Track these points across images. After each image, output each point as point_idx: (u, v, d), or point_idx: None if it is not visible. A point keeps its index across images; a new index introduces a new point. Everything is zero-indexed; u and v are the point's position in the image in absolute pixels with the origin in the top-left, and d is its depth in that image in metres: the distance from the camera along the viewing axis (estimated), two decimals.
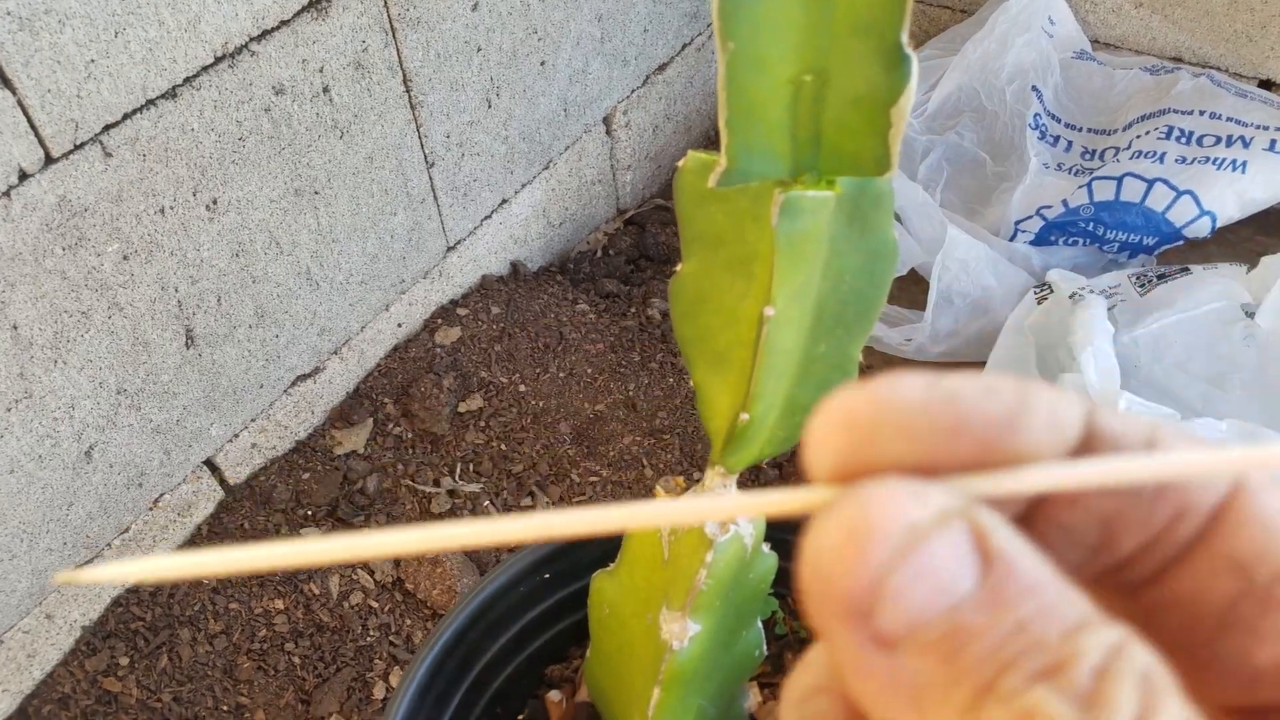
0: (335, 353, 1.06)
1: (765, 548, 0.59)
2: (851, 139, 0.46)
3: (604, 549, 0.66)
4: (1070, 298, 1.11)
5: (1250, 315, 1.11)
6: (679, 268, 0.54)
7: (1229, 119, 1.22)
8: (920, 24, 1.59)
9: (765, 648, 0.64)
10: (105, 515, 0.90)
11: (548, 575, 0.70)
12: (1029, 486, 0.15)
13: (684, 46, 1.40)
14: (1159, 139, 1.23)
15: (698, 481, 0.59)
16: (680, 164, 0.49)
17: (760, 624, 0.64)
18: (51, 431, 0.82)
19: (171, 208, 0.82)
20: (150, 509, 0.94)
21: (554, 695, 0.74)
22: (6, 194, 0.71)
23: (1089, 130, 1.34)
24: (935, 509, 0.15)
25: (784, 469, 1.09)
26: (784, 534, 0.67)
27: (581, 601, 0.65)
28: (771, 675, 0.71)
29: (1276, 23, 1.32)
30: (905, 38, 0.42)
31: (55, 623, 0.90)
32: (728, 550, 0.56)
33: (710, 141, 1.58)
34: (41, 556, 0.86)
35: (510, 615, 0.70)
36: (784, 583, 0.69)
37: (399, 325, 1.13)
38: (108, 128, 0.75)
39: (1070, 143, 1.33)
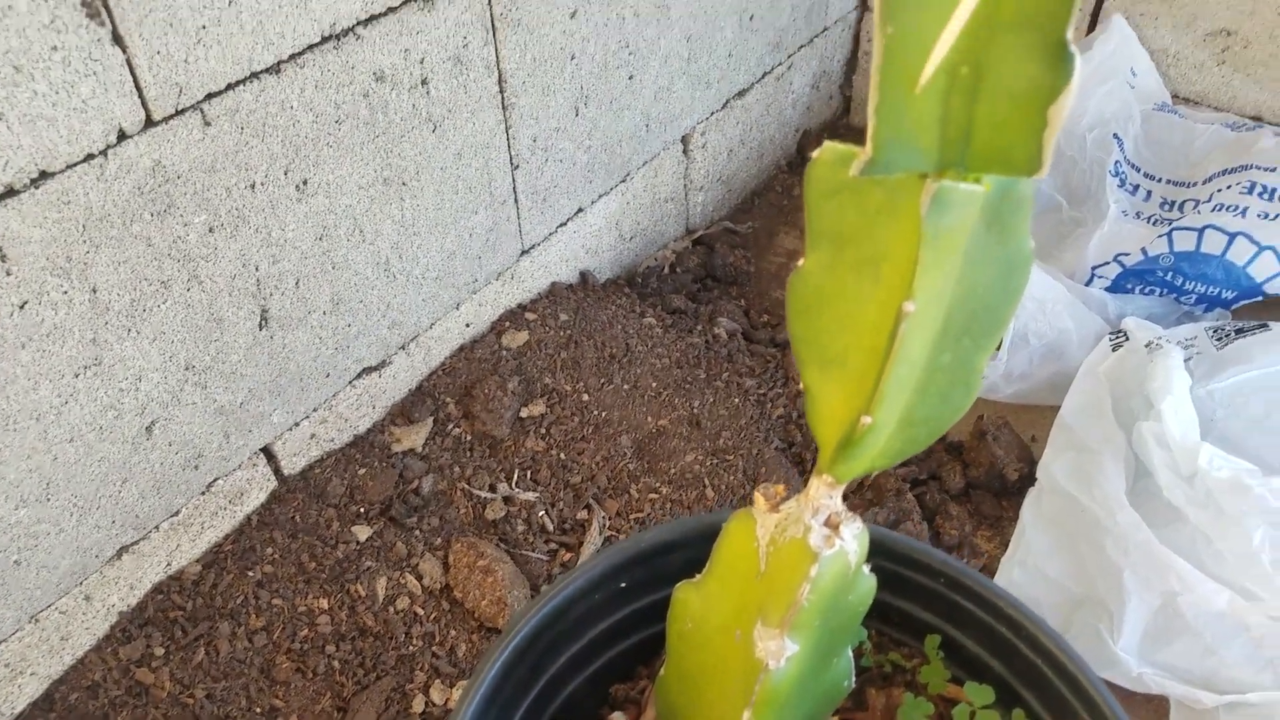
0: (403, 348, 1.05)
1: (866, 569, 0.56)
2: (1004, 136, 0.44)
3: (688, 558, 0.64)
4: (1146, 347, 1.09)
5: None
6: (800, 263, 0.52)
7: None
8: None
9: (854, 679, 0.61)
10: (158, 495, 0.88)
11: (624, 584, 0.67)
12: None
13: (764, 75, 1.40)
14: (1241, 193, 1.20)
15: (799, 491, 0.57)
16: (815, 154, 0.48)
17: (850, 652, 0.61)
18: (116, 403, 0.81)
19: (262, 184, 0.82)
20: (203, 493, 0.93)
21: (618, 717, 0.71)
22: (104, 153, 0.71)
23: (1168, 181, 1.33)
24: None
25: (859, 493, 1.06)
26: (884, 560, 0.64)
27: (658, 615, 0.63)
28: (852, 711, 0.68)
29: None
30: (1071, 34, 0.40)
31: (93, 605, 0.88)
32: (832, 566, 0.53)
33: (781, 171, 1.57)
34: (89, 533, 0.84)
35: (581, 625, 0.68)
36: (873, 614, 0.66)
37: (467, 325, 1.12)
38: (210, 96, 0.75)
39: (1149, 192, 1.32)
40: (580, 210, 1.20)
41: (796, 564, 0.54)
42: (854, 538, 0.54)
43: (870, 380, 0.51)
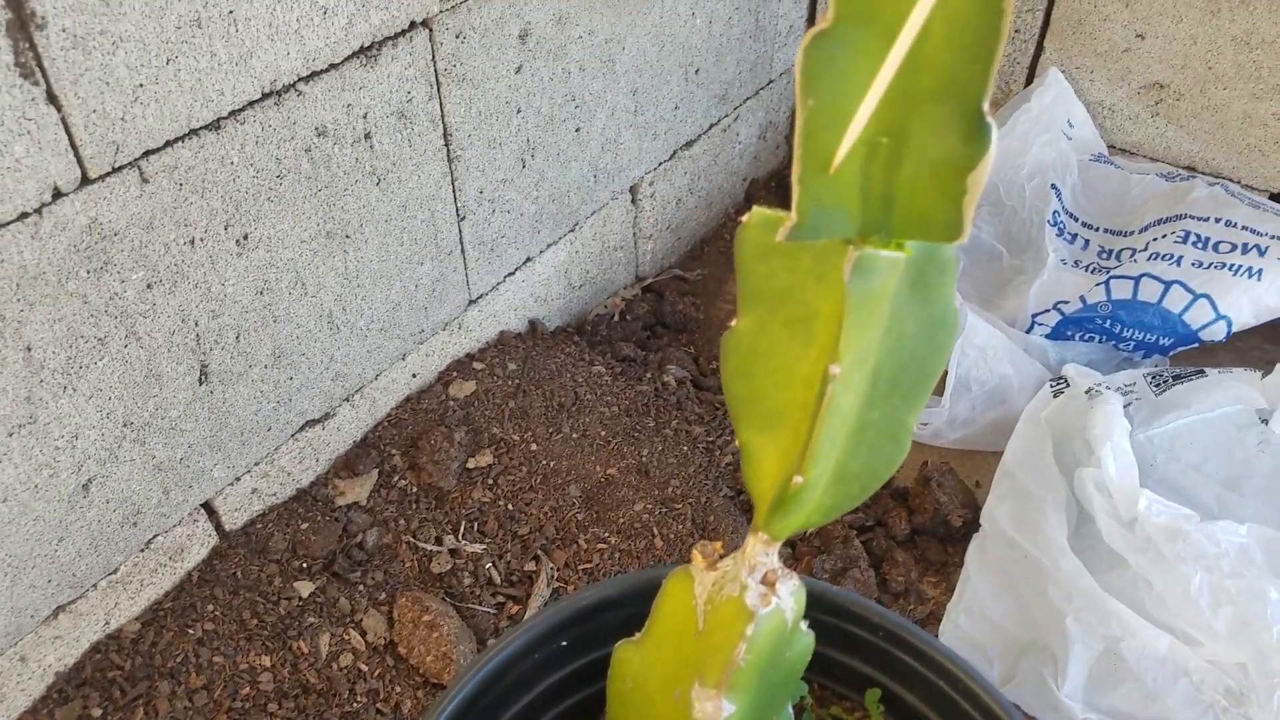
0: (347, 399, 1.04)
1: (803, 625, 0.57)
2: (924, 202, 0.45)
3: (629, 615, 0.63)
4: (1086, 393, 1.11)
5: (1265, 421, 1.10)
6: (734, 323, 0.53)
7: (1244, 227, 1.24)
8: None
9: None
10: (95, 554, 0.87)
11: (565, 642, 0.67)
12: None
13: (711, 126, 1.42)
14: (1176, 242, 1.24)
15: (735, 549, 0.57)
16: (745, 219, 0.49)
17: (790, 708, 0.61)
18: (51, 461, 0.79)
19: (202, 239, 0.81)
20: (142, 550, 0.91)
21: None
22: (39, 211, 0.70)
23: (1106, 230, 1.36)
24: None
25: (806, 540, 1.07)
26: (823, 614, 0.65)
27: (599, 673, 0.63)
28: None
29: None
30: (987, 105, 0.41)
31: (29, 666, 0.86)
32: (769, 624, 0.53)
33: (730, 219, 1.59)
34: (24, 594, 0.82)
35: (522, 684, 0.67)
36: (815, 668, 0.66)
37: (413, 375, 1.11)
38: (148, 153, 0.75)
39: (1088, 241, 1.35)
40: (529, 259, 1.20)
41: (733, 623, 0.54)
42: (790, 595, 0.54)
43: (803, 438, 0.52)
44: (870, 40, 0.42)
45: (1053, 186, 1.34)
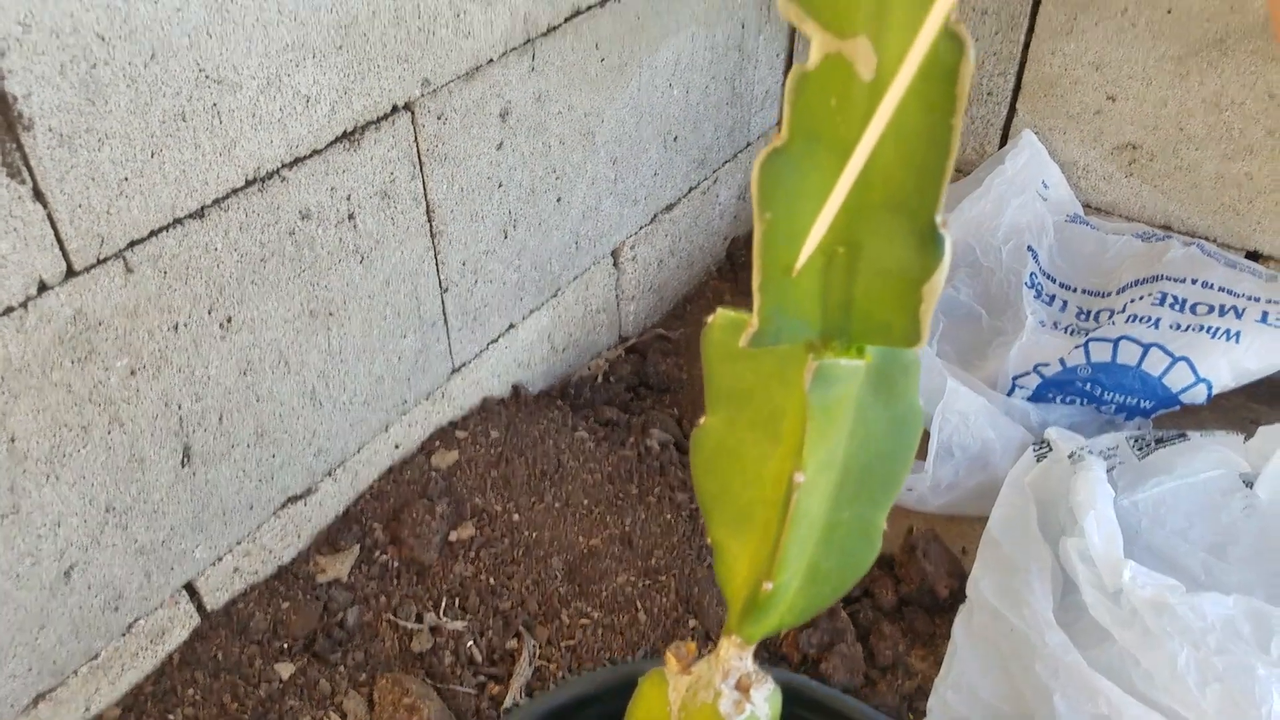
0: (329, 474, 1.04)
1: None
2: (882, 310, 0.46)
3: (605, 712, 0.63)
4: (1069, 457, 1.11)
5: (1249, 485, 1.11)
6: (702, 420, 0.53)
7: (1221, 289, 1.25)
8: None
9: None
10: (76, 639, 0.86)
11: None
12: None
13: (690, 190, 1.44)
14: (1153, 305, 1.25)
15: (710, 649, 0.58)
16: (709, 320, 0.49)
17: None
18: (34, 549, 0.79)
19: (185, 325, 0.82)
20: (123, 634, 0.91)
21: None
22: (24, 305, 0.71)
23: (1084, 291, 1.37)
24: None
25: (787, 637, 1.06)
26: (797, 708, 0.64)
27: None
28: None
29: (1262, 198, 1.37)
30: (939, 218, 0.42)
31: None
32: None
33: (712, 278, 1.60)
34: (3, 683, 0.82)
35: None
36: None
37: (396, 446, 1.12)
38: (133, 244, 0.76)
39: (1066, 302, 1.36)
40: (512, 326, 1.21)
41: None
42: (765, 700, 0.54)
43: (773, 538, 0.52)
44: (823, 157, 0.43)
45: (1029, 248, 1.36)
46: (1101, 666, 0.93)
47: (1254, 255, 1.42)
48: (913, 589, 1.08)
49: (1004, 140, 1.54)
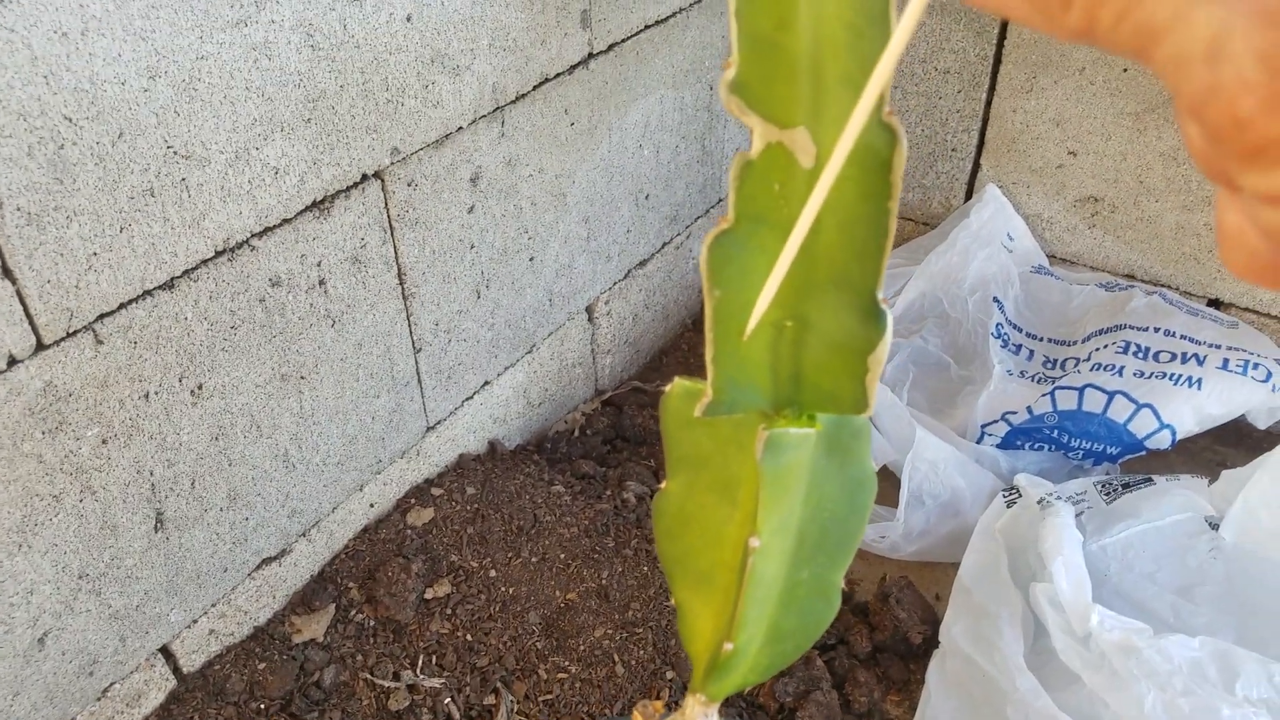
0: (304, 534, 1.04)
1: None
2: (830, 380, 0.48)
3: None
4: (1039, 503, 1.13)
5: (1214, 527, 1.13)
6: (663, 485, 0.55)
7: (1183, 336, 1.28)
8: None
9: None
10: (51, 705, 0.86)
11: None
12: None
13: (664, 245, 1.46)
14: (1117, 353, 1.28)
15: (676, 707, 0.58)
16: (667, 389, 0.51)
17: None
18: (6, 618, 0.79)
19: (156, 393, 0.83)
20: (99, 699, 0.90)
21: None
22: None
23: (1050, 340, 1.40)
24: None
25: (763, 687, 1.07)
26: None
27: None
28: None
29: None
30: (880, 294, 0.44)
31: None
32: None
33: (687, 329, 1.62)
34: None
35: None
36: None
37: (371, 505, 1.12)
38: (102, 316, 0.77)
39: (1032, 351, 1.39)
40: (487, 383, 1.23)
41: None
42: None
43: (733, 599, 0.54)
44: (767, 238, 0.45)
45: (995, 299, 1.39)
46: (1071, 709, 0.94)
47: (1215, 303, 1.45)
48: (887, 636, 1.09)
49: (969, 194, 1.57)
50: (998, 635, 1.01)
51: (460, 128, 1.01)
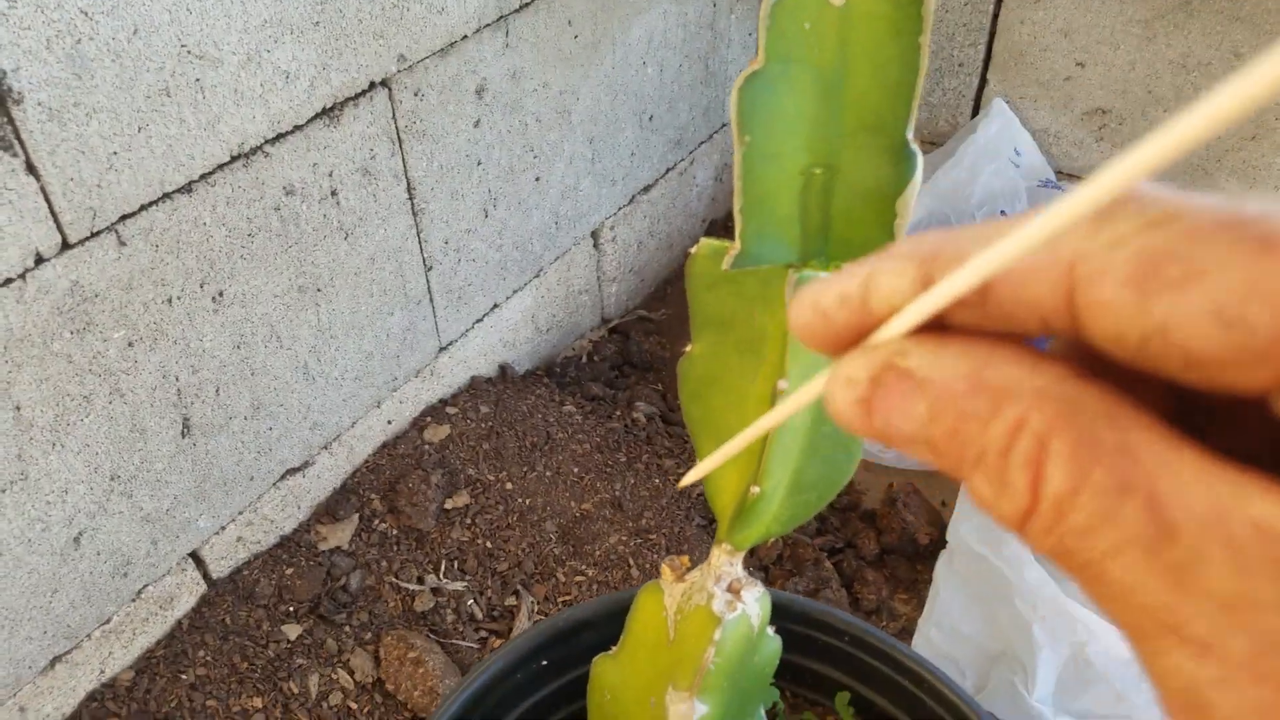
0: (325, 447, 1.06)
1: (770, 630, 0.59)
2: (858, 228, 0.49)
3: (603, 634, 0.66)
4: None
5: None
6: (688, 349, 0.56)
7: None
8: None
9: None
10: (88, 604, 0.88)
11: (545, 662, 0.69)
12: (917, 312, 0.19)
13: (667, 170, 1.47)
14: None
15: (702, 561, 0.60)
16: (693, 250, 0.52)
17: (764, 712, 0.64)
18: (43, 515, 0.81)
19: (179, 298, 0.84)
20: (133, 600, 0.93)
21: None
22: (23, 277, 0.73)
23: None
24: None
25: (779, 564, 1.09)
26: (791, 624, 0.67)
27: (579, 690, 0.65)
28: None
29: (1230, 156, 1.42)
30: (911, 135, 0.45)
31: (28, 716, 0.88)
32: (735, 629, 0.56)
33: None
34: (20, 645, 0.84)
35: (505, 705, 0.69)
36: (787, 675, 0.69)
37: (389, 422, 1.14)
38: (124, 217, 0.78)
39: None
40: (496, 306, 1.24)
41: (702, 629, 0.57)
42: (755, 601, 0.57)
43: (758, 453, 0.55)
44: (798, 78, 0.46)
45: (1002, 213, 1.40)
46: (1077, 597, 0.96)
47: None
48: (894, 539, 1.12)
49: (976, 110, 1.57)
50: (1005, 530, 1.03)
51: (465, 36, 1.01)
